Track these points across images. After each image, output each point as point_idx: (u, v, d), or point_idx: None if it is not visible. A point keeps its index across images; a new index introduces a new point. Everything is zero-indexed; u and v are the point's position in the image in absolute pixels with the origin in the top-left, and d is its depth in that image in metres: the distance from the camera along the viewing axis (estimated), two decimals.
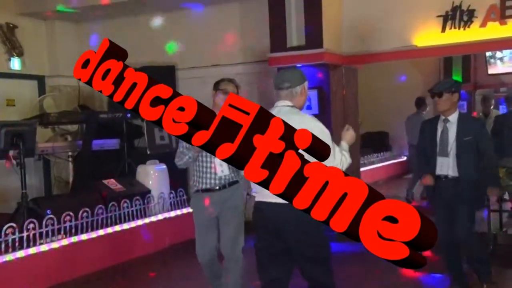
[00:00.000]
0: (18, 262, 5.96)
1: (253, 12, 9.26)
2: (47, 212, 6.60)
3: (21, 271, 6.01)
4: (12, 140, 6.84)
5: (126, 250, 7.37)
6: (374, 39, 8.66)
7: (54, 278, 6.29)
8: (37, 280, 6.13)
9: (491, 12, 7.92)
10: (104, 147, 9.04)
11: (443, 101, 5.38)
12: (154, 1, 9.54)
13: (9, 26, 9.90)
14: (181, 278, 6.80)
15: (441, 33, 8.26)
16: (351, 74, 9.19)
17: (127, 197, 7.64)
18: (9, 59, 9.93)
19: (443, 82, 5.64)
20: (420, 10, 8.40)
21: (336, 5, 8.78)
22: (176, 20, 10.10)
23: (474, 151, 5.24)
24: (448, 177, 5.40)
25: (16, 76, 10.14)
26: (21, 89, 10.30)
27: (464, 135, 5.25)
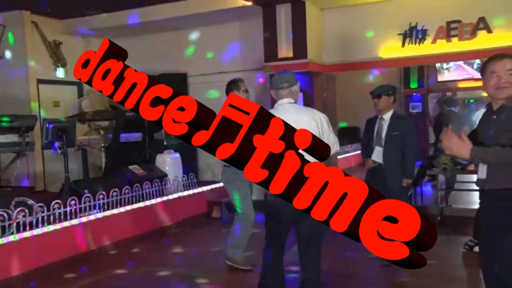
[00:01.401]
0: (63, 231, 5.97)
1: (250, 29, 9.25)
2: (85, 191, 6.62)
3: (65, 239, 6.02)
4: (57, 134, 6.89)
5: (148, 223, 7.32)
6: (349, 52, 8.68)
7: (92, 244, 6.34)
8: (78, 246, 6.18)
9: (439, 32, 8.02)
10: (129, 139, 9.04)
11: (382, 102, 5.35)
12: (171, 22, 9.53)
13: (56, 42, 10.05)
14: (194, 242, 6.84)
15: (401, 47, 8.31)
16: (330, 80, 9.19)
17: (148, 180, 7.58)
18: (55, 69, 10.08)
19: (382, 86, 5.53)
20: (385, 29, 8.42)
21: (317, 24, 8.78)
22: (188, 36, 10.07)
23: (400, 144, 5.19)
24: (378, 163, 5.37)
25: (60, 83, 10.23)
26: (64, 93, 10.37)
27: (393, 130, 5.22)
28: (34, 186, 8.98)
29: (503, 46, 7.40)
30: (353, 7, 8.58)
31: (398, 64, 9.43)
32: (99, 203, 6.63)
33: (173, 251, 6.55)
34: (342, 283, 5.08)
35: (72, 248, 6.10)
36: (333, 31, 8.83)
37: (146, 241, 6.91)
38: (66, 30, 10.27)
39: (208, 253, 6.31)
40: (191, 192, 8.35)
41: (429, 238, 1.04)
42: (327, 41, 8.89)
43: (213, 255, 6.12)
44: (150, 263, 5.98)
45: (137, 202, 7.22)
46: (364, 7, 8.50)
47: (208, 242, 6.81)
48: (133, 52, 8.27)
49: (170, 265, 5.93)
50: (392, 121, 5.35)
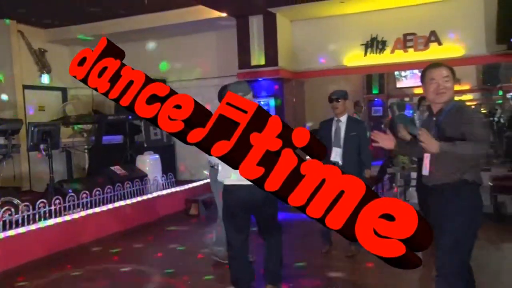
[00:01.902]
0: (48, 228, 5.92)
1: (226, 39, 9.32)
2: (69, 191, 6.56)
3: (51, 235, 5.97)
4: (42, 137, 6.82)
5: (129, 220, 7.28)
6: (316, 60, 8.81)
7: (75, 241, 6.28)
8: (63, 242, 6.11)
9: (397, 43, 8.24)
10: (111, 141, 8.99)
11: (340, 105, 5.37)
12: (152, 31, 9.53)
13: (41, 50, 10.04)
14: (174, 237, 6.83)
15: (364, 56, 8.49)
16: (299, 85, 9.31)
17: (129, 180, 7.55)
18: (40, 75, 10.06)
19: (339, 91, 5.52)
20: (348, 39, 8.57)
21: (288, 35, 8.88)
22: (168, 44, 10.09)
23: (358, 144, 5.26)
24: (338, 164, 5.28)
25: (45, 88, 10.22)
26: (49, 98, 10.35)
27: (350, 131, 5.27)
28: (21, 186, 8.92)
29: (452, 57, 7.70)
30: (320, 19, 8.73)
31: (361, 71, 9.60)
32: (83, 202, 6.59)
33: (153, 246, 6.57)
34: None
35: (57, 245, 6.05)
36: (302, 41, 8.97)
37: (127, 237, 6.88)
38: (51, 39, 10.26)
39: (186, 248, 6.33)
40: (169, 191, 8.35)
41: (424, 239, 0.98)
42: (297, 50, 9.01)
43: (191, 249, 6.15)
44: (131, 258, 5.99)
45: (118, 201, 7.20)
46: (330, 20, 8.65)
47: (186, 238, 6.86)
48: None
49: (150, 259, 5.96)
50: (349, 122, 5.41)
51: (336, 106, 5.37)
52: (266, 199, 3.90)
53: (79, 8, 8.76)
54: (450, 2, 7.85)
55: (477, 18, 7.70)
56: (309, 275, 5.03)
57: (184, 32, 9.65)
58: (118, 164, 8.22)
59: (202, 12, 8.60)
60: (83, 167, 9.42)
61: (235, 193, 3.97)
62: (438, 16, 7.95)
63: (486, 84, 14.63)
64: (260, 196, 3.85)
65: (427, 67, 3.29)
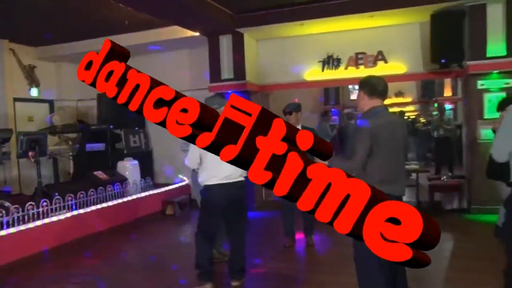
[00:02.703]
0: (36, 229, 5.95)
1: (198, 55, 9.35)
2: (55, 194, 6.58)
3: (39, 235, 5.99)
4: (31, 145, 6.86)
5: (111, 220, 7.31)
6: (279, 74, 8.90)
7: (61, 239, 6.28)
8: (50, 241, 6.13)
9: (350, 60, 8.44)
10: (94, 149, 8.98)
11: (293, 117, 5.40)
12: (132, 49, 9.41)
13: (30, 66, 10.05)
14: (150, 235, 6.92)
15: (321, 72, 8.62)
16: (265, 97, 9.37)
17: (110, 183, 7.60)
18: (29, 89, 10.06)
19: (292, 104, 5.55)
20: (308, 57, 8.70)
21: (254, 52, 8.97)
22: (143, 59, 9.84)
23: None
24: None
25: (34, 101, 10.20)
26: (37, 109, 10.31)
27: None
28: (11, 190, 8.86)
29: (396, 74, 8.04)
30: (283, 38, 8.86)
31: (319, 85, 9.76)
32: (68, 204, 6.62)
33: (132, 243, 6.67)
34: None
35: (45, 243, 6.08)
36: (267, 57, 9.08)
37: (110, 235, 6.93)
38: (40, 56, 10.26)
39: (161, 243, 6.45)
40: (147, 193, 8.39)
41: (432, 238, 0.91)
42: (262, 66, 9.10)
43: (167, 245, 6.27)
44: (113, 255, 6.07)
45: (101, 203, 7.22)
46: (291, 39, 8.80)
47: (162, 235, 6.97)
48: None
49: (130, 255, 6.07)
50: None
51: (289, 119, 5.35)
52: (238, 194, 4.18)
53: (65, 28, 8.78)
54: (394, 27, 8.11)
55: (415, 42, 7.98)
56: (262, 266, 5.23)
57: (161, 50, 9.73)
58: (100, 169, 8.21)
59: (177, 31, 8.66)
60: (68, 172, 9.39)
61: (215, 191, 4.17)
62: (384, 39, 8.21)
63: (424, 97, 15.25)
64: (235, 191, 4.15)
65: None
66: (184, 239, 6.88)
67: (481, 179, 7.27)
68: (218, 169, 4.11)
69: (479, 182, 7.29)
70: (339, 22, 7.96)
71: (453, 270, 4.75)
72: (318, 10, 7.67)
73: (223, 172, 4.14)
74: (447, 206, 7.66)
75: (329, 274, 4.82)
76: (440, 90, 14.98)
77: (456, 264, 4.93)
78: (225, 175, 4.16)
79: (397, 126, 3.21)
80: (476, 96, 7.36)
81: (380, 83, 3.21)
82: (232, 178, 4.20)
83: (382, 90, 3.19)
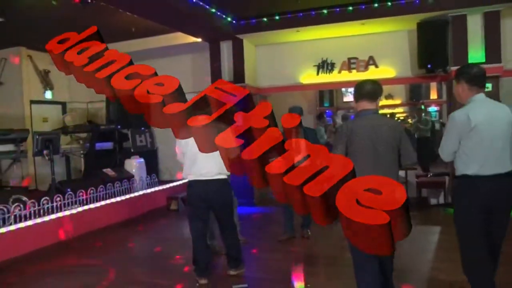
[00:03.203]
0: (50, 222, 6.04)
1: (200, 60, 9.37)
2: (68, 190, 6.68)
3: (52, 228, 6.06)
4: (45, 144, 6.93)
5: (119, 214, 7.34)
6: (276, 78, 8.95)
7: (73, 232, 6.36)
8: (63, 234, 6.20)
9: (343, 65, 8.50)
10: (103, 147, 9.02)
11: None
12: (136, 54, 9.41)
13: (45, 71, 10.11)
14: (156, 228, 6.96)
15: (316, 75, 8.68)
16: (263, 99, 9.23)
17: (118, 180, 7.62)
18: (44, 92, 10.13)
19: (297, 108, 5.63)
20: (303, 61, 8.76)
21: (253, 57, 9.02)
22: (151, 64, 9.63)
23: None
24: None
25: (48, 103, 10.26)
26: (51, 111, 10.36)
27: (308, 138, 5.44)
28: (28, 186, 8.95)
29: (386, 77, 8.09)
30: (280, 44, 8.92)
31: (314, 88, 9.78)
32: (79, 199, 6.70)
33: (139, 236, 6.75)
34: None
35: (59, 235, 6.16)
36: (265, 62, 9.13)
37: (118, 229, 7.01)
38: None
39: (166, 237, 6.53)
40: (153, 190, 8.41)
41: (402, 230, 0.85)
42: (260, 70, 9.14)
43: (171, 238, 6.34)
44: (121, 247, 6.15)
45: (110, 198, 7.27)
46: (288, 45, 8.86)
47: (167, 229, 7.03)
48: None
49: (137, 247, 6.15)
50: (308, 133, 5.63)
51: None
52: (219, 192, 4.13)
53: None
54: (384, 34, 8.20)
55: (404, 48, 8.08)
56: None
57: (165, 54, 9.80)
58: (109, 167, 8.27)
59: (181, 38, 8.71)
60: (79, 170, 9.44)
61: (194, 187, 4.15)
62: (375, 45, 8.29)
63: (412, 100, 15.36)
64: (214, 189, 4.12)
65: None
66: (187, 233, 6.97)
67: None
68: (194, 166, 4.11)
69: None
70: (332, 29, 8.04)
71: (439, 261, 4.83)
72: (313, 18, 7.76)
73: (199, 170, 4.11)
74: (432, 201, 7.78)
75: (323, 267, 4.92)
76: (427, 93, 15.15)
77: (441, 255, 5.01)
78: (201, 173, 4.11)
79: (380, 128, 3.10)
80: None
81: (363, 87, 3.19)
82: (209, 176, 4.13)
83: (365, 94, 3.15)
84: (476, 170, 2.94)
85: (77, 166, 9.64)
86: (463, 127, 2.95)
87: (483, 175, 2.93)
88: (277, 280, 4.44)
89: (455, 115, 3.04)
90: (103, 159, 8.85)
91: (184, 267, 4.91)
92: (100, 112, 10.69)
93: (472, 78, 3.04)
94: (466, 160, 2.98)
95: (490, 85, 7.29)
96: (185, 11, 6.78)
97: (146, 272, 4.90)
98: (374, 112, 3.19)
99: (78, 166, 9.61)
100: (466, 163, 2.98)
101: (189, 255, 4.84)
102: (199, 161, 4.12)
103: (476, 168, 2.94)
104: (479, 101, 3.02)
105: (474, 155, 2.95)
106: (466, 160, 2.98)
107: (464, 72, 3.10)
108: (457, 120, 3.00)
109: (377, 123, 3.12)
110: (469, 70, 3.10)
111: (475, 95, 3.03)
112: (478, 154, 2.95)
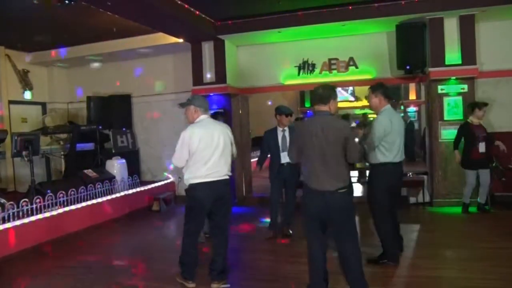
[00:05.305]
0: (30, 224, 5.93)
1: (182, 60, 9.36)
2: (48, 191, 6.56)
3: (33, 229, 5.96)
4: (24, 145, 6.81)
5: (100, 215, 7.30)
6: (258, 78, 8.99)
7: (53, 234, 6.28)
8: (43, 235, 6.12)
9: (324, 66, 8.56)
10: (84, 148, 8.95)
11: (289, 118, 5.83)
12: (120, 54, 9.45)
13: (24, 71, 9.98)
14: (138, 227, 6.90)
15: (297, 76, 8.71)
16: (244, 100, 9.42)
17: (99, 181, 7.55)
18: (23, 92, 10.00)
19: (289, 109, 5.91)
20: (284, 62, 8.80)
21: (234, 57, 9.02)
22: (132, 64, 10.02)
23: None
24: (286, 164, 5.68)
25: (27, 103, 10.13)
26: (30, 111, 10.24)
27: (292, 137, 5.40)
28: (6, 188, 8.78)
29: (366, 78, 8.21)
30: (261, 45, 8.95)
31: (295, 88, 9.81)
32: (60, 201, 6.60)
33: (120, 237, 6.68)
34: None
35: (38, 238, 6.09)
36: (246, 62, 9.14)
37: (99, 230, 6.95)
38: (33, 61, 10.17)
39: (147, 237, 6.48)
40: (134, 190, 8.37)
41: None
42: (242, 70, 9.15)
43: (151, 239, 6.29)
44: (103, 247, 6.09)
45: (91, 199, 7.19)
46: (269, 46, 8.90)
47: (148, 229, 6.99)
48: (88, 78, 8.59)
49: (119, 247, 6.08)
50: (290, 131, 5.72)
51: (289, 120, 5.82)
52: (225, 196, 4.12)
53: (56, 35, 8.72)
54: (364, 36, 8.28)
55: (383, 49, 8.18)
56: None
57: (147, 55, 9.74)
58: (90, 167, 8.20)
59: (162, 38, 8.67)
60: (60, 171, 9.33)
61: (200, 189, 4.01)
62: (355, 46, 8.37)
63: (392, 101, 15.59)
64: (224, 188, 4.10)
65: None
66: (168, 233, 6.94)
67: (442, 175, 7.57)
68: (204, 166, 3.98)
69: (440, 178, 7.57)
70: (313, 30, 8.09)
71: (418, 257, 4.89)
72: (294, 18, 7.79)
73: (211, 169, 3.99)
74: (412, 200, 7.89)
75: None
76: (406, 94, 15.41)
77: (420, 252, 5.07)
78: (213, 172, 3.99)
79: (328, 127, 3.38)
80: (437, 100, 7.61)
81: (316, 91, 3.56)
82: (219, 176, 4.05)
83: (318, 97, 3.52)
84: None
85: (58, 167, 9.53)
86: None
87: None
88: (264, 280, 4.42)
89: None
90: (84, 160, 8.76)
91: (169, 269, 4.85)
92: (81, 112, 10.55)
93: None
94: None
95: (466, 86, 7.47)
96: (166, 12, 6.74)
97: (127, 274, 4.86)
98: (327, 113, 3.48)
99: (58, 167, 9.51)
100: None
101: (171, 257, 4.84)
102: (213, 161, 4.02)
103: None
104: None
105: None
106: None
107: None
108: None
109: (327, 124, 3.41)
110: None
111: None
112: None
